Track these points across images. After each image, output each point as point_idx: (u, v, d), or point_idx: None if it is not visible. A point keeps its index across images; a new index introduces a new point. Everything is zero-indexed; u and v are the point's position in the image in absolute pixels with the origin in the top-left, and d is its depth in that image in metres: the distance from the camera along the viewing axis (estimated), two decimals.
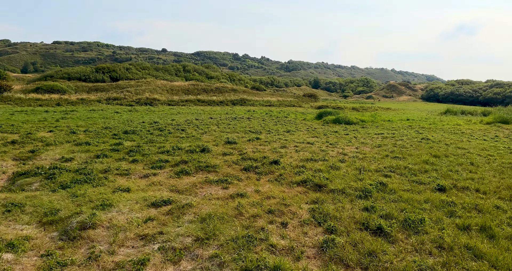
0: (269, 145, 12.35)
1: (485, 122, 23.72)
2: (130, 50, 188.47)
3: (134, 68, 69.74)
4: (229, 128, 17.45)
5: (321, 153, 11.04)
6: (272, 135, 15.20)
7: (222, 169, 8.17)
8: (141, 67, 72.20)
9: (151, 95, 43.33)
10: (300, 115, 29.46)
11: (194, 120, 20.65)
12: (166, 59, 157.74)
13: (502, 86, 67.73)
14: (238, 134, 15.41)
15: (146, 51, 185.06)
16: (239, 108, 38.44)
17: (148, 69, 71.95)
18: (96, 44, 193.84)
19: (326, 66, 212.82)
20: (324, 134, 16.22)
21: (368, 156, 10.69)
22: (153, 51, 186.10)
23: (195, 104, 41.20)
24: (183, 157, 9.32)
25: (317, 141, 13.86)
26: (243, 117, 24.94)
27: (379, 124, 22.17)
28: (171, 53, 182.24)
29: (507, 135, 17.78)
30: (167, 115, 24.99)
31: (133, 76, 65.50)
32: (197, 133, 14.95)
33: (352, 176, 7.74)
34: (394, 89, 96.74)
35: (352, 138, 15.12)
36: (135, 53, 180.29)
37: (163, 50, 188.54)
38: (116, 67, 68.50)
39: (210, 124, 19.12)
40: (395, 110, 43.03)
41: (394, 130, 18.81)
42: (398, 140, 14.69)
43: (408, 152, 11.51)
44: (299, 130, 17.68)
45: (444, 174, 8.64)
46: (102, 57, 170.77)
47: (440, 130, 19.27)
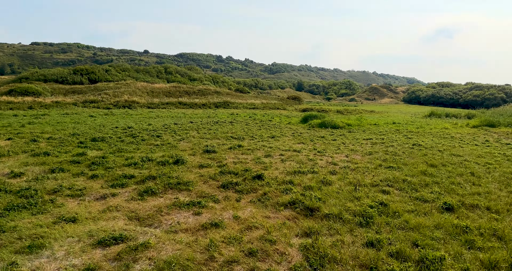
0: (252, 153, 11.18)
1: (472, 125, 23.22)
2: (111, 52, 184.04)
3: (113, 70, 67.55)
4: (209, 133, 16.20)
5: (309, 163, 9.94)
6: (256, 142, 14.05)
7: (197, 186, 6.95)
8: (121, 68, 70.04)
9: (130, 97, 41.58)
10: (285, 118, 28.44)
11: (172, 125, 19.29)
12: (148, 60, 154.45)
13: (482, 89, 68.60)
14: (219, 140, 14.19)
15: (127, 52, 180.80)
16: (222, 111, 37.18)
17: (129, 70, 69.82)
18: (77, 46, 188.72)
19: (309, 69, 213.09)
20: (311, 140, 15.17)
21: (360, 166, 9.66)
22: (135, 53, 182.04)
23: (177, 107, 39.70)
24: (152, 171, 8.05)
25: (304, 148, 12.78)
26: (226, 121, 23.72)
27: (366, 128, 21.34)
28: (154, 55, 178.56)
29: (496, 139, 17.16)
30: (145, 119, 23.53)
31: (112, 78, 63.42)
32: (173, 140, 13.64)
33: (347, 194, 6.65)
34: (376, 92, 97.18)
35: (340, 144, 14.11)
36: (117, 54, 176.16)
37: (145, 52, 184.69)
38: (95, 68, 66.20)
39: (189, 129, 17.82)
40: (379, 112, 42.59)
41: (382, 135, 17.95)
42: (388, 146, 13.77)
43: (402, 161, 10.55)
44: (284, 136, 16.59)
45: (447, 188, 7.67)
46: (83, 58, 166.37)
47: (429, 134, 18.53)
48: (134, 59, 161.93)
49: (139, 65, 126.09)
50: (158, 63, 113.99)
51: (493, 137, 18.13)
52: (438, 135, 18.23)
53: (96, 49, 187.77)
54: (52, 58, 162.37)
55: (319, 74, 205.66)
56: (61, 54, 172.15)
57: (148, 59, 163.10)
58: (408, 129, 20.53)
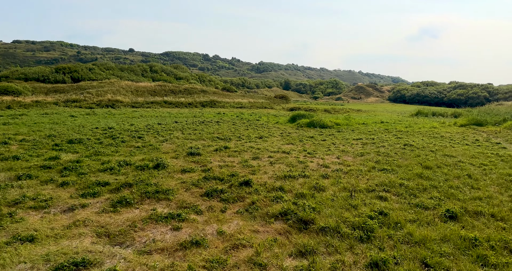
0: (239, 156, 10.54)
1: (460, 124, 23.10)
2: (95, 50, 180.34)
3: (97, 68, 65.89)
4: (194, 134, 15.48)
5: (299, 165, 9.37)
6: (243, 143, 13.41)
7: (177, 195, 6.27)
8: (105, 67, 68.38)
9: (113, 96, 40.37)
10: (273, 117, 27.87)
11: (156, 125, 18.48)
12: (133, 59, 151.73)
13: (465, 88, 69.45)
14: (205, 141, 13.49)
15: (112, 51, 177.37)
16: (208, 110, 36.39)
17: (113, 69, 68.20)
18: (60, 44, 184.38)
19: (296, 68, 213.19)
20: (300, 140, 14.62)
21: (353, 168, 9.13)
22: (120, 51, 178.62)
23: (162, 106, 38.72)
24: (129, 177, 7.33)
25: (293, 149, 12.21)
26: (212, 120, 23.00)
27: (355, 127, 20.94)
28: (139, 53, 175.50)
29: (486, 138, 16.94)
30: (128, 119, 22.61)
31: (96, 77, 61.88)
32: (156, 142, 12.89)
33: (342, 201, 6.08)
34: (362, 91, 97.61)
35: (330, 144, 13.60)
36: (101, 53, 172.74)
37: (131, 50, 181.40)
38: (78, 67, 64.47)
39: (174, 129, 17.05)
40: (366, 111, 42.46)
41: (371, 134, 17.55)
42: (379, 146, 13.32)
43: (395, 163, 10.08)
44: (272, 136, 16.00)
45: (447, 192, 7.20)
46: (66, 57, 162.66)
47: (418, 133, 18.22)
48: (119, 57, 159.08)
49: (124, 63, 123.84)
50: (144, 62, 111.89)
51: (482, 136, 17.94)
52: (427, 134, 17.93)
53: (80, 48, 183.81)
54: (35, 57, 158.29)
55: (305, 73, 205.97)
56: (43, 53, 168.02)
57: (133, 57, 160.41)
58: (397, 129, 20.21)
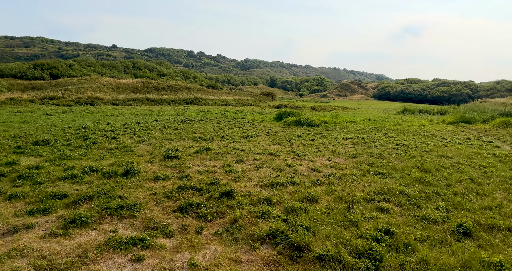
0: (221, 159, 9.57)
1: (448, 122, 22.66)
2: (77, 46, 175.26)
3: (78, 65, 63.64)
4: (175, 134, 14.40)
5: (288, 169, 8.46)
6: (227, 143, 12.43)
7: (146, 210, 5.27)
8: (86, 63, 66.11)
9: (93, 93, 38.70)
10: (258, 115, 26.93)
11: (134, 124, 17.28)
12: (116, 55, 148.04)
13: (448, 85, 69.99)
14: (185, 142, 12.45)
15: (95, 47, 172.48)
16: (192, 107, 35.17)
17: (94, 65, 65.99)
18: (40, 40, 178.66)
19: (281, 65, 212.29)
20: (287, 140, 13.73)
21: (346, 173, 8.28)
22: (103, 48, 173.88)
23: (144, 104, 37.28)
24: (92, 187, 6.28)
25: (281, 150, 11.30)
26: (195, 118, 21.90)
27: (343, 125, 20.20)
28: (122, 50, 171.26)
29: (477, 137, 16.42)
30: (106, 117, 21.30)
31: (76, 73, 59.70)
32: (131, 143, 11.78)
33: (339, 216, 5.19)
34: (347, 88, 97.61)
35: (319, 145, 12.75)
36: (83, 49, 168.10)
37: (113, 47, 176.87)
38: (58, 63, 62.12)
39: (153, 128, 15.92)
40: (352, 109, 41.98)
41: (361, 133, 16.82)
42: (371, 147, 12.55)
43: (391, 165, 9.29)
44: (258, 135, 15.06)
45: (452, 201, 6.41)
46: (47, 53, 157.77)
47: (408, 132, 17.60)
48: (102, 54, 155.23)
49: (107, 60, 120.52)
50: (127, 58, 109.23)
51: (473, 134, 17.44)
52: (418, 133, 17.31)
53: (61, 44, 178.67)
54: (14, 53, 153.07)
55: (291, 70, 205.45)
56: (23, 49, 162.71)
57: (116, 54, 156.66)
58: (386, 127, 19.57)
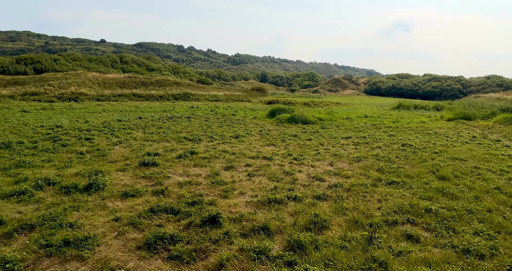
0: (208, 165, 8.20)
1: (447, 118, 21.61)
2: (65, 41, 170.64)
3: (63, 59, 61.28)
4: (158, 134, 12.96)
5: (286, 178, 7.15)
6: (215, 144, 11.07)
7: (101, 246, 3.89)
8: (72, 58, 63.74)
9: (77, 89, 36.81)
10: (250, 112, 25.56)
11: (114, 122, 15.74)
12: (105, 50, 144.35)
13: (439, 80, 69.40)
14: (168, 143, 11.04)
15: (83, 42, 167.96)
16: (181, 103, 33.60)
17: (80, 60, 63.65)
18: (27, 34, 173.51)
19: (272, 60, 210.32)
20: (282, 140, 12.42)
21: (354, 182, 7.00)
22: (91, 42, 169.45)
23: (130, 99, 35.56)
24: (40, 208, 4.86)
25: (276, 153, 9.97)
26: (183, 116, 20.43)
27: (339, 123, 18.97)
28: (111, 44, 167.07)
29: (481, 135, 15.32)
30: (87, 114, 19.70)
31: (61, 68, 57.38)
32: (107, 145, 10.32)
33: (361, 254, 3.88)
34: (338, 83, 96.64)
35: (318, 146, 11.45)
36: (71, 44, 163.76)
37: (102, 41, 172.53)
38: (42, 57, 59.70)
39: (134, 127, 14.43)
40: (345, 104, 40.83)
41: (360, 131, 15.59)
42: (375, 148, 11.31)
43: (402, 171, 8.04)
44: (250, 134, 13.71)
45: (491, 221, 5.17)
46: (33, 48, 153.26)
47: (410, 130, 16.44)
48: (90, 48, 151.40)
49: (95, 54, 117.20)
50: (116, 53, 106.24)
51: (477, 132, 16.37)
52: (419, 131, 16.16)
53: (48, 38, 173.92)
54: None
55: (282, 65, 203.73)
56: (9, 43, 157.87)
57: (105, 48, 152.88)
58: (385, 124, 18.38)
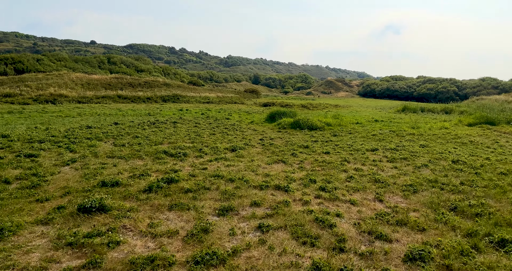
0: (192, 206, 5.16)
1: (467, 123, 18.90)
2: (54, 42, 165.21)
3: (47, 59, 57.46)
4: (131, 146, 9.84)
5: (323, 237, 4.18)
6: (205, 162, 8.02)
7: None
8: (56, 58, 59.96)
9: (57, 90, 33.33)
10: (245, 115, 22.52)
11: (80, 130, 12.51)
12: (95, 51, 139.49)
13: (434, 82, 67.31)
14: (141, 161, 7.95)
15: (72, 43, 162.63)
16: (169, 105, 30.39)
17: (66, 60, 59.90)
18: (14, 35, 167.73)
19: (265, 62, 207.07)
20: (292, 154, 9.43)
21: (444, 245, 4.04)
22: (81, 43, 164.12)
23: (114, 101, 32.22)
24: None
25: (290, 176, 6.97)
26: (169, 120, 17.31)
27: (350, 128, 16.07)
28: (101, 46, 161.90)
29: None
30: (55, 119, 16.44)
31: (44, 69, 53.60)
32: (53, 165, 7.20)
33: None
34: (332, 85, 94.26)
35: (343, 163, 8.47)
36: (60, 45, 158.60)
37: (92, 42, 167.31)
38: (24, 57, 55.79)
39: (104, 137, 11.27)
40: (344, 107, 38.05)
41: (381, 140, 12.70)
42: (420, 166, 8.35)
43: (493, 212, 5.12)
44: (250, 145, 10.69)
45: None
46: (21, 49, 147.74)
47: (438, 138, 13.60)
48: (80, 49, 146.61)
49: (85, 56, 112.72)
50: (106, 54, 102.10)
51: None
52: (450, 139, 13.32)
53: (37, 39, 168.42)
54: None
55: (274, 67, 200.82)
56: None
57: (95, 50, 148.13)
58: (405, 130, 15.51)
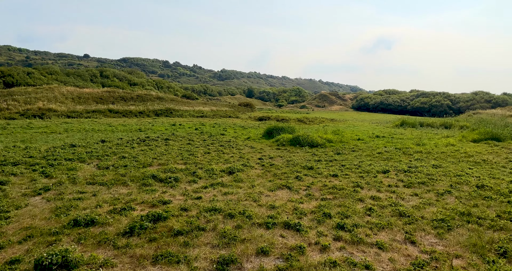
0: (182, 257, 4.10)
1: (471, 139, 18.11)
2: (47, 55, 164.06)
3: (37, 73, 56.26)
4: (115, 169, 8.75)
5: None
6: (200, 190, 6.97)
7: None
8: (48, 71, 58.79)
9: (46, 104, 32.13)
10: (241, 130, 21.55)
11: (63, 149, 11.37)
12: (88, 65, 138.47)
13: (428, 96, 67.36)
14: (125, 189, 6.87)
15: (65, 56, 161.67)
16: (162, 120, 29.33)
17: (57, 74, 58.75)
18: (7, 48, 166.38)
19: (258, 76, 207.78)
20: (297, 177, 8.42)
21: None
22: (74, 57, 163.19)
23: (105, 116, 31.08)
24: None
25: (299, 207, 5.94)
26: (160, 137, 16.23)
27: (353, 145, 15.16)
28: (95, 59, 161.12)
29: None
30: (39, 136, 15.27)
31: (35, 82, 52.43)
32: (21, 195, 6.09)
33: None
34: (325, 99, 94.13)
35: (356, 189, 7.47)
36: (53, 58, 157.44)
37: (86, 56, 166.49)
38: (14, 70, 54.52)
39: (87, 157, 10.16)
40: (341, 121, 37.31)
41: (389, 159, 11.77)
42: (443, 193, 7.39)
43: None
44: (248, 166, 9.66)
45: None
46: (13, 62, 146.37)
47: (448, 156, 12.71)
48: (73, 63, 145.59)
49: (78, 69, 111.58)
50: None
51: None
52: (461, 158, 12.44)
53: (29, 52, 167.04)
54: None
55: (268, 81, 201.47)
56: None
57: (88, 63, 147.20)
58: (410, 147, 14.62)
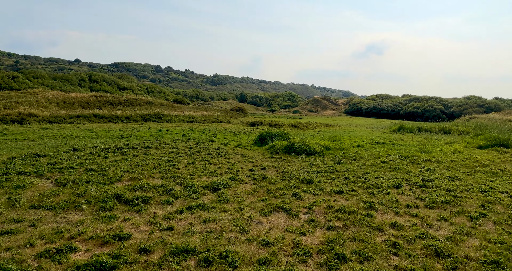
0: None
1: (477, 145, 16.89)
2: (37, 60, 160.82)
3: (23, 77, 54.17)
4: (75, 185, 7.19)
5: None
6: (173, 216, 5.46)
7: None
8: (33, 75, 56.73)
9: (27, 109, 30.26)
10: (231, 136, 20.05)
11: (22, 160, 9.73)
12: (78, 70, 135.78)
13: (420, 101, 66.74)
14: (77, 216, 5.34)
15: (56, 61, 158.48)
16: (149, 125, 27.69)
17: (43, 78, 56.71)
18: None
19: (251, 81, 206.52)
20: (294, 194, 6.97)
21: None
22: (65, 62, 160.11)
23: (90, 121, 29.32)
24: None
25: (301, 243, 4.47)
26: (141, 144, 14.65)
27: (353, 153, 13.77)
28: (85, 64, 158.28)
29: None
30: (5, 144, 13.58)
31: (20, 86, 50.33)
32: None
33: None
34: (318, 104, 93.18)
35: (369, 212, 6.04)
36: (43, 63, 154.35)
37: (76, 61, 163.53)
38: None
39: (48, 169, 8.57)
40: (335, 126, 36.01)
41: (397, 170, 10.38)
42: (476, 217, 6.01)
43: None
44: (237, 181, 8.17)
45: None
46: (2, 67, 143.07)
47: (459, 165, 11.38)
48: (63, 68, 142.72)
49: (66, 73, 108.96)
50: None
51: None
52: (475, 167, 11.11)
53: (19, 57, 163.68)
54: None
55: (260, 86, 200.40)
56: None
57: (79, 68, 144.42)
58: (416, 155, 13.26)
